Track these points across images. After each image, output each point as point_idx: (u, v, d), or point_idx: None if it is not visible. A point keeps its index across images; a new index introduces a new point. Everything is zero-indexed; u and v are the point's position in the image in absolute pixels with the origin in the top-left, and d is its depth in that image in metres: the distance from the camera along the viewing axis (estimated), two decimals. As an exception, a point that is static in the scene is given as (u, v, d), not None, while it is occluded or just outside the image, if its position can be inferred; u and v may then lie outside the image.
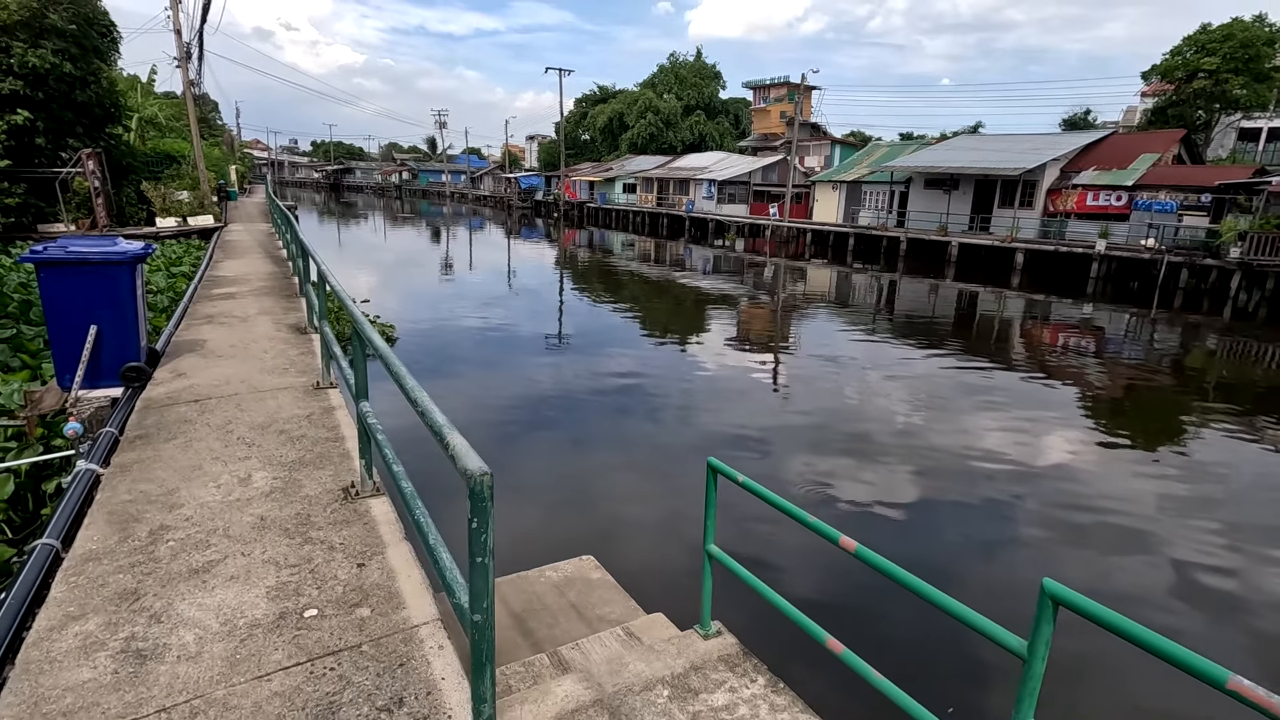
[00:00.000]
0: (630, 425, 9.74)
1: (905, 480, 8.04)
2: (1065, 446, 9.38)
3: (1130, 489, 7.94)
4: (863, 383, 12.57)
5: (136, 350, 5.48)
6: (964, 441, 9.37)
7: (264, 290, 9.78)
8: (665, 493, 7.53)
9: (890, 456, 8.72)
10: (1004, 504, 7.54)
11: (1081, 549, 6.57)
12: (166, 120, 29.58)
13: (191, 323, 7.64)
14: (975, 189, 30.69)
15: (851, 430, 9.76)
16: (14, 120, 17.21)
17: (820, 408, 10.85)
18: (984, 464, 8.55)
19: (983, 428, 10.07)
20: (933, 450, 9.00)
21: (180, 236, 20.05)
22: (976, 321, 20.37)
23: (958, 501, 7.60)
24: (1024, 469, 8.49)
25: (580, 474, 8.04)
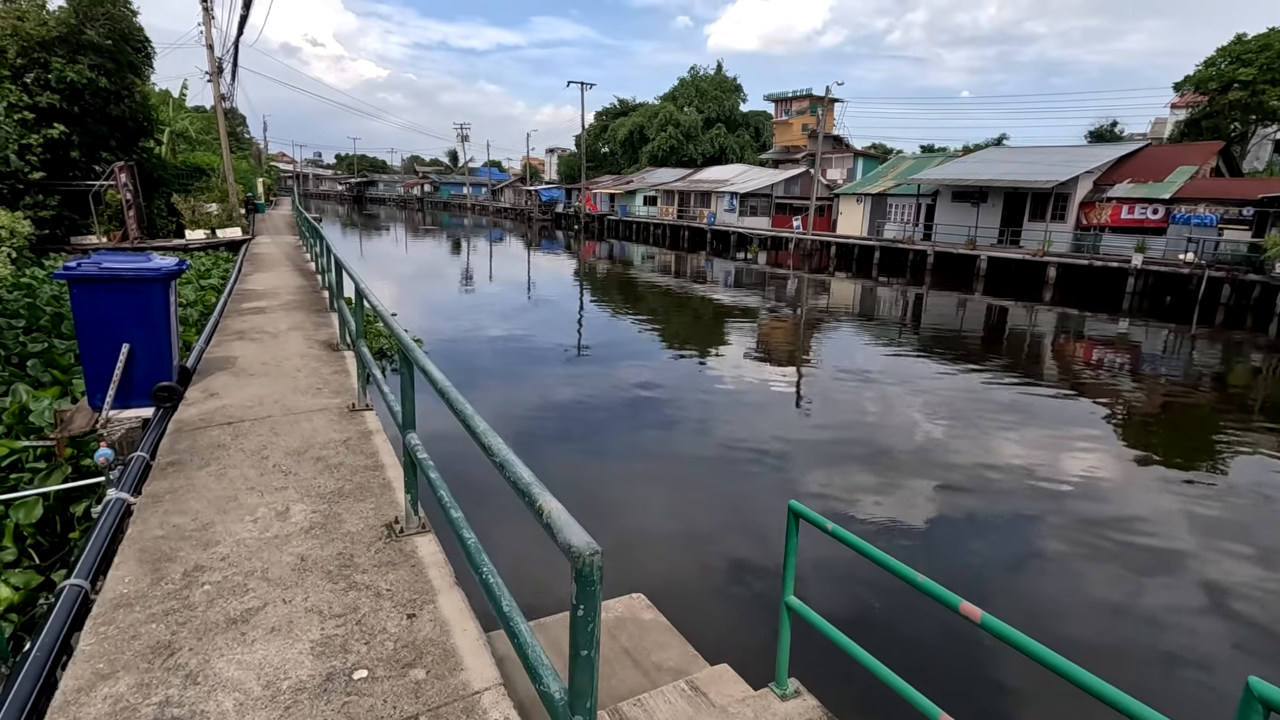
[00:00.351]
0: (653, 440, 9.47)
1: (935, 498, 7.74)
2: (1102, 465, 9.04)
3: (1181, 511, 7.50)
4: (891, 398, 12.19)
5: (169, 369, 5.32)
6: (994, 459, 9.03)
7: (294, 304, 9.67)
8: (700, 517, 7.23)
9: (921, 474, 8.40)
10: (1033, 523, 7.19)
11: (1118, 568, 6.16)
12: (197, 134, 30.04)
13: (223, 338, 7.51)
14: (1005, 202, 30.14)
15: (881, 446, 9.44)
16: (50, 134, 17.44)
17: (847, 423, 10.55)
18: (1016, 481, 8.24)
19: (1013, 444, 9.72)
20: (963, 468, 8.69)
21: (209, 249, 20.19)
22: (1007, 336, 19.87)
23: (991, 520, 7.25)
24: (1061, 487, 8.13)
25: (605, 492, 7.78)
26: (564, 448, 8.98)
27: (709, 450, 9.06)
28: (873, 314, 22.98)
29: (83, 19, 17.75)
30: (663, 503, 7.57)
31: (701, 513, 7.37)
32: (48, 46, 17.28)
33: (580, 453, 8.89)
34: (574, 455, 8.78)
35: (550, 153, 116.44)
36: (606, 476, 8.26)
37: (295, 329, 8.03)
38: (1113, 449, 10.02)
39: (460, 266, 33.54)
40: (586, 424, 10.07)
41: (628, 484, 8.07)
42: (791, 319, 21.38)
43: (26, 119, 16.87)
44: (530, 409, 10.49)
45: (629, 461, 8.77)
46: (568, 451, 8.87)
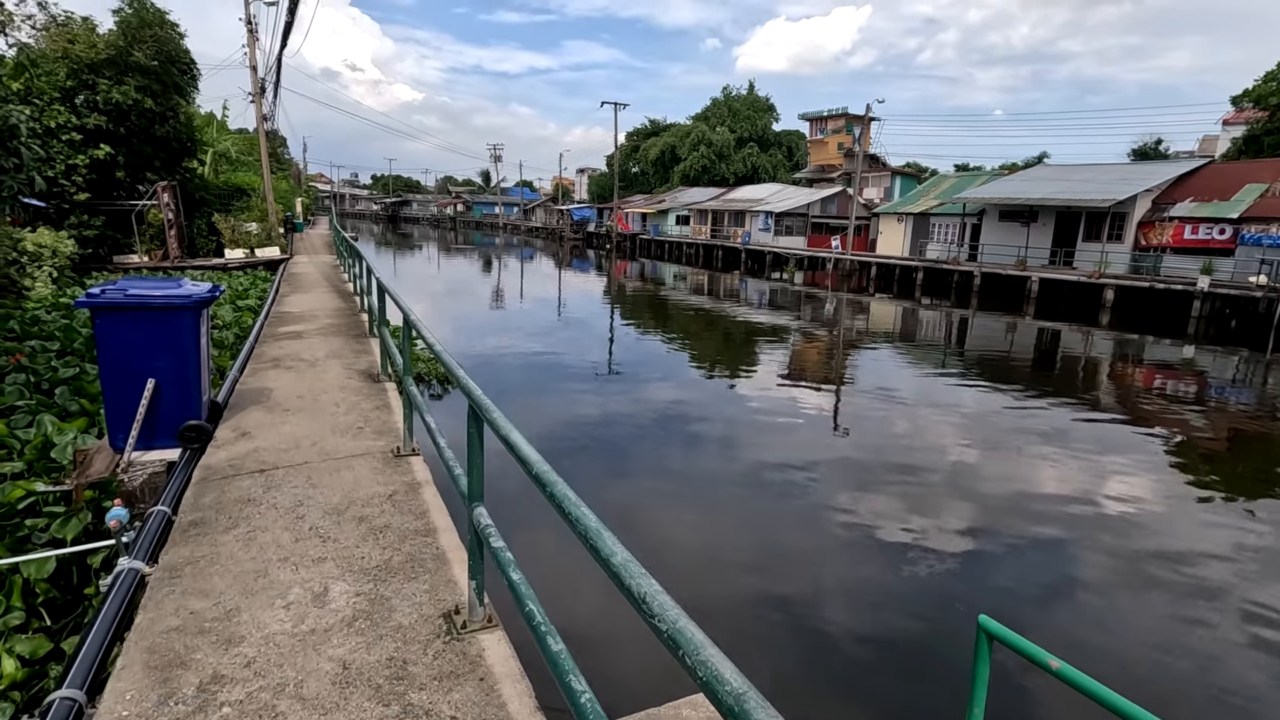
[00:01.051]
0: (689, 463, 8.95)
1: (987, 530, 7.12)
2: (1171, 498, 8.39)
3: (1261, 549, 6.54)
4: (935, 423, 11.46)
5: (197, 406, 4.81)
6: (1044, 487, 8.45)
7: (332, 329, 9.23)
8: (733, 545, 6.56)
9: (971, 504, 7.87)
10: (1092, 558, 6.44)
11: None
12: (237, 154, 30.46)
13: (257, 366, 7.04)
14: (1056, 221, 28.98)
15: (926, 472, 8.78)
16: (96, 155, 17.56)
17: (889, 448, 9.93)
18: (1068, 511, 7.67)
19: (1064, 471, 9.04)
20: (1014, 497, 8.13)
21: (247, 268, 20.13)
22: (1060, 360, 18.85)
23: (1044, 556, 6.60)
24: (1123, 522, 7.43)
25: (635, 516, 7.13)
26: (592, 467, 8.61)
27: (747, 476, 8.52)
28: (916, 336, 22.04)
29: (131, 41, 17.94)
30: (695, 529, 7.05)
31: (735, 540, 6.86)
32: (96, 69, 17.46)
33: (609, 473, 8.49)
34: (601, 475, 8.35)
35: (581, 173, 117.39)
36: (636, 499, 7.79)
37: (334, 356, 7.54)
38: (1182, 481, 9.21)
39: (491, 284, 33.39)
40: (613, 444, 9.60)
41: (659, 507, 7.58)
42: (829, 340, 20.56)
43: (74, 140, 16.99)
44: (557, 426, 10.14)
45: (661, 482, 8.31)
46: (595, 471, 8.47)
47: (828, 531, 7.20)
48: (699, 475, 8.64)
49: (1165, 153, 57.02)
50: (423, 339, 3.80)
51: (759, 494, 8.06)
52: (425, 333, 3.82)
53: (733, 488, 8.21)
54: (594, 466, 8.66)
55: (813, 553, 6.79)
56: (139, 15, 18.26)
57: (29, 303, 12.11)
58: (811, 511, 7.64)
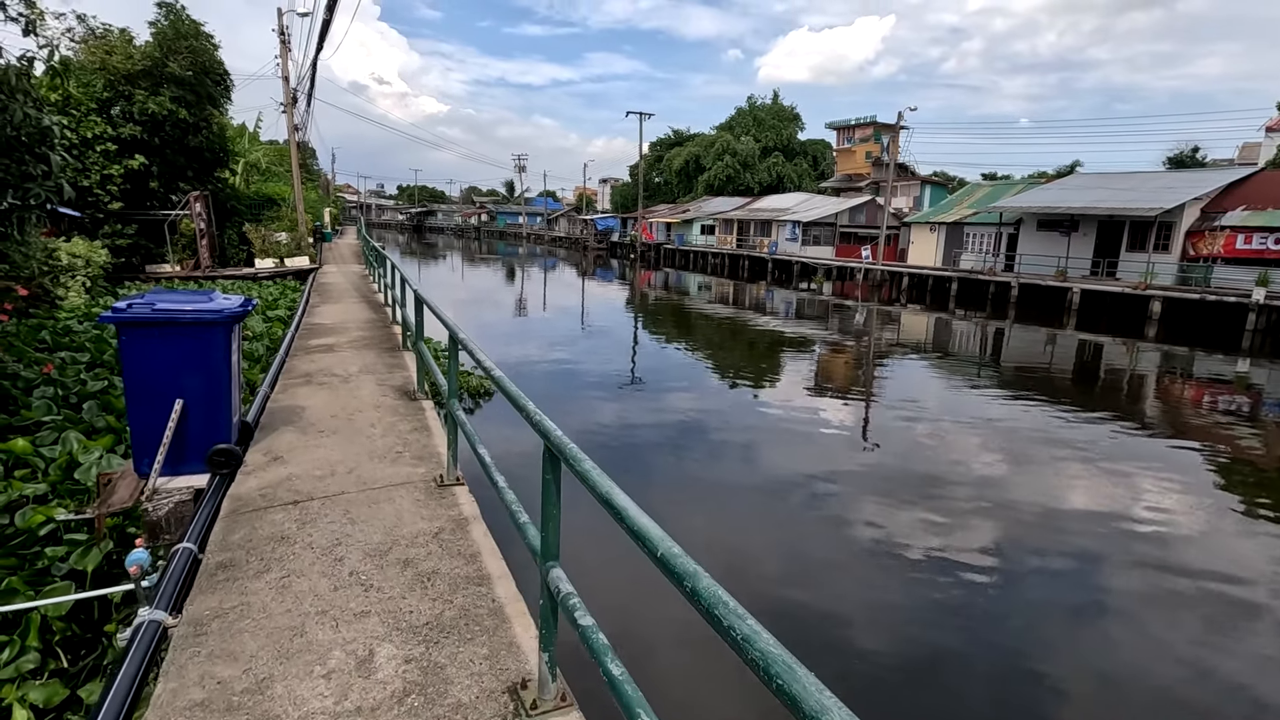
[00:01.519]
0: (716, 477, 8.71)
1: (1015, 548, 6.81)
2: (1217, 522, 7.85)
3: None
4: (970, 437, 11.07)
5: (227, 428, 4.48)
6: (1085, 506, 8.10)
7: (364, 342, 8.93)
8: (782, 573, 6.11)
9: (1008, 523, 7.56)
10: (1136, 584, 5.83)
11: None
12: (268, 164, 30.71)
13: (289, 382, 6.74)
14: (1098, 230, 28.05)
15: (961, 492, 8.44)
16: (131, 165, 17.64)
17: (922, 463, 9.55)
18: (1110, 533, 7.31)
19: (1107, 492, 8.63)
20: (1052, 515, 7.78)
21: (277, 278, 20.11)
22: (1103, 375, 18.13)
23: (1085, 581, 6.18)
24: (1166, 545, 6.96)
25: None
26: (615, 473, 8.06)
27: (775, 488, 8.34)
28: (951, 348, 21.35)
29: (166, 52, 18.04)
30: (719, 538, 6.79)
31: (759, 551, 6.64)
32: (132, 79, 17.57)
33: (633, 481, 8.07)
34: (626, 482, 7.83)
35: (604, 183, 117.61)
36: (662, 507, 7.39)
37: (367, 371, 7.22)
38: (1234, 504, 8.63)
39: (515, 294, 33.34)
40: (638, 454, 9.41)
41: (684, 515, 7.39)
42: (859, 352, 19.96)
43: (109, 150, 17.09)
44: (580, 435, 9.73)
45: (686, 492, 8.15)
46: (619, 478, 7.89)
47: (854, 550, 6.95)
48: (725, 486, 8.39)
49: (1203, 160, 55.45)
50: (475, 361, 3.41)
51: (784, 506, 7.86)
52: (479, 354, 3.42)
53: (757, 498, 8.01)
54: (617, 473, 8.25)
55: (839, 572, 6.56)
56: (175, 27, 18.39)
57: (61, 313, 12.05)
58: (837, 528, 7.35)
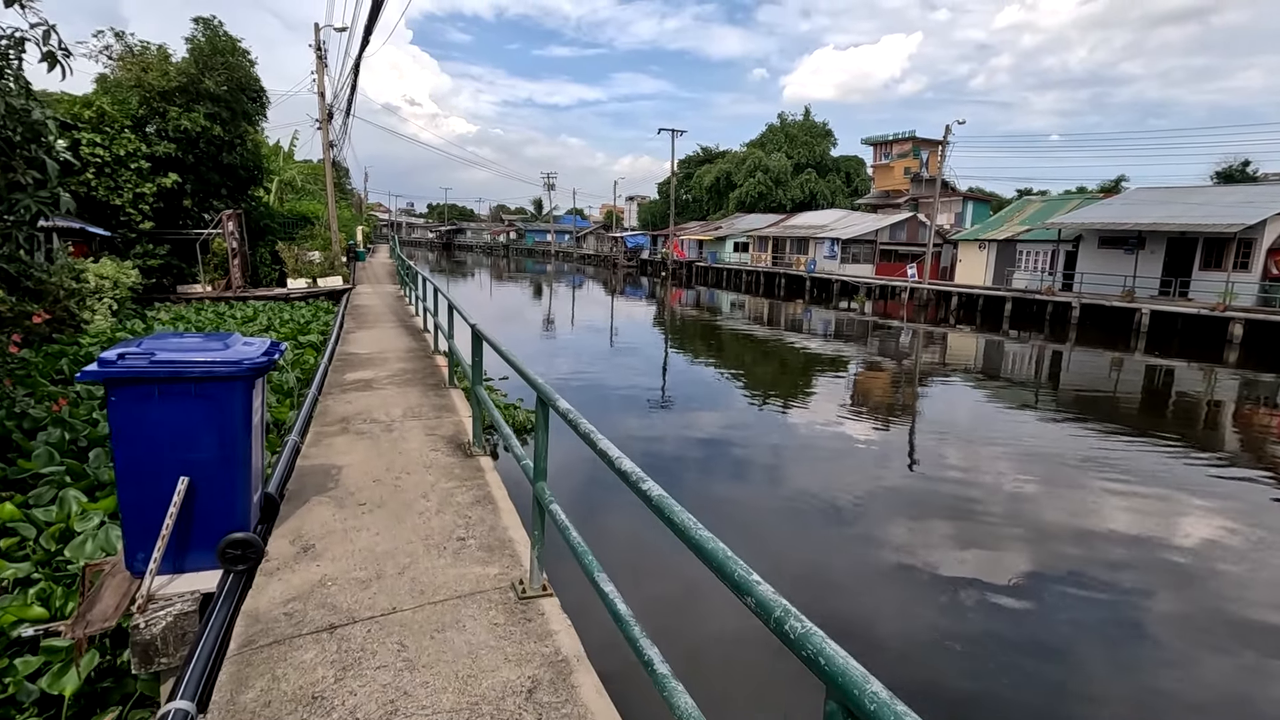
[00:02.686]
0: (757, 510, 8.07)
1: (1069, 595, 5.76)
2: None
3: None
4: (1035, 471, 10.23)
5: (245, 511, 3.48)
6: (1152, 539, 7.52)
7: (405, 376, 7.97)
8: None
9: (1078, 567, 6.75)
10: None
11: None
12: (303, 183, 30.45)
13: (323, 430, 5.77)
14: (1167, 248, 26.37)
15: (1014, 531, 7.67)
16: (164, 183, 17.17)
17: (977, 495, 8.81)
18: (1183, 574, 6.60)
19: (1183, 527, 7.96)
20: (1114, 562, 6.91)
21: (310, 298, 19.47)
22: (1175, 402, 16.73)
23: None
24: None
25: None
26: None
27: (814, 518, 7.84)
28: (1011, 372, 19.95)
29: (202, 68, 17.62)
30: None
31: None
32: (168, 96, 17.15)
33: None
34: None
35: (630, 200, 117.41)
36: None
37: (412, 416, 6.22)
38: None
39: (545, 311, 32.72)
40: (680, 475, 8.96)
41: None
42: (912, 375, 18.70)
43: (142, 168, 16.62)
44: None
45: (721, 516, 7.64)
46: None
47: (909, 598, 6.16)
48: (764, 516, 7.87)
49: (1254, 175, 53.12)
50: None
51: (816, 537, 7.47)
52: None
53: (791, 525, 7.65)
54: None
55: (878, 603, 5.98)
56: (211, 43, 17.99)
57: (85, 338, 11.37)
58: (880, 560, 6.82)
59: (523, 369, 3.46)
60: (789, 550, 7.02)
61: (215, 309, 16.78)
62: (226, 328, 13.84)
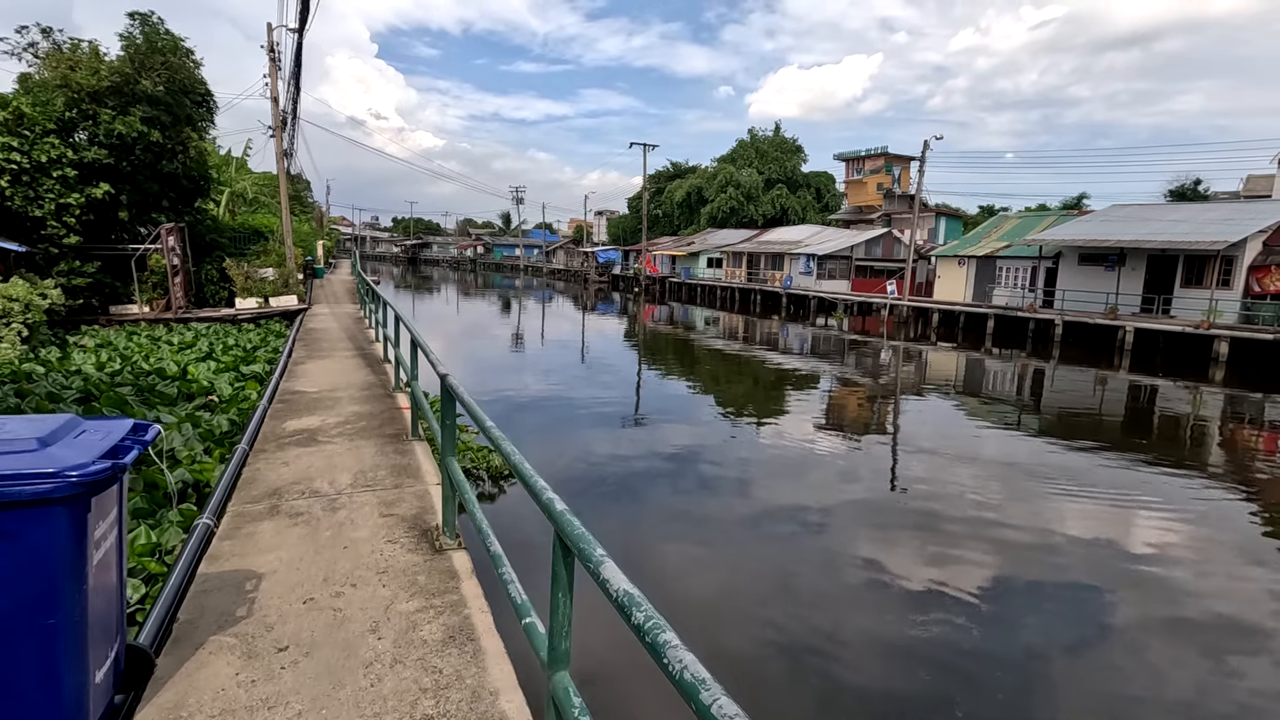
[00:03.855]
0: (733, 531, 7.94)
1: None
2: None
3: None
4: (1011, 486, 10.18)
5: (74, 700, 2.17)
6: (1141, 566, 7.27)
7: (359, 424, 6.63)
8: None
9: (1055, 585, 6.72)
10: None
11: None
12: (255, 194, 28.61)
13: (245, 509, 4.42)
14: (1148, 265, 26.22)
15: (995, 551, 7.46)
16: (94, 193, 15.48)
17: (954, 515, 8.60)
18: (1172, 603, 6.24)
19: (1171, 551, 7.72)
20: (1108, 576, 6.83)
21: (260, 319, 17.84)
22: (1160, 420, 16.33)
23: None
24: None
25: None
26: (620, 513, 8.13)
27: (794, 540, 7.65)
28: (996, 390, 19.39)
29: (139, 68, 16.03)
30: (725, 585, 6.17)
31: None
32: (98, 97, 15.51)
33: (637, 522, 7.92)
34: (629, 523, 7.90)
35: (599, 215, 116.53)
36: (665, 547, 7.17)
37: (364, 484, 4.91)
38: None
39: (515, 328, 31.76)
40: (657, 501, 8.72)
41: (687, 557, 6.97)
42: (900, 392, 17.96)
43: (68, 176, 14.93)
44: (589, 478, 9.36)
45: (692, 536, 7.63)
46: (622, 518, 8.00)
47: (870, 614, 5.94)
48: (742, 541, 7.65)
49: (1205, 193, 54.58)
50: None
51: (794, 556, 7.26)
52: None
53: (769, 547, 7.45)
54: (622, 513, 8.27)
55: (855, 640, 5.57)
56: (150, 41, 16.40)
57: (-19, 371, 9.74)
58: (846, 590, 6.57)
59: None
60: (757, 566, 6.97)
61: (151, 333, 15.09)
62: (159, 355, 12.22)
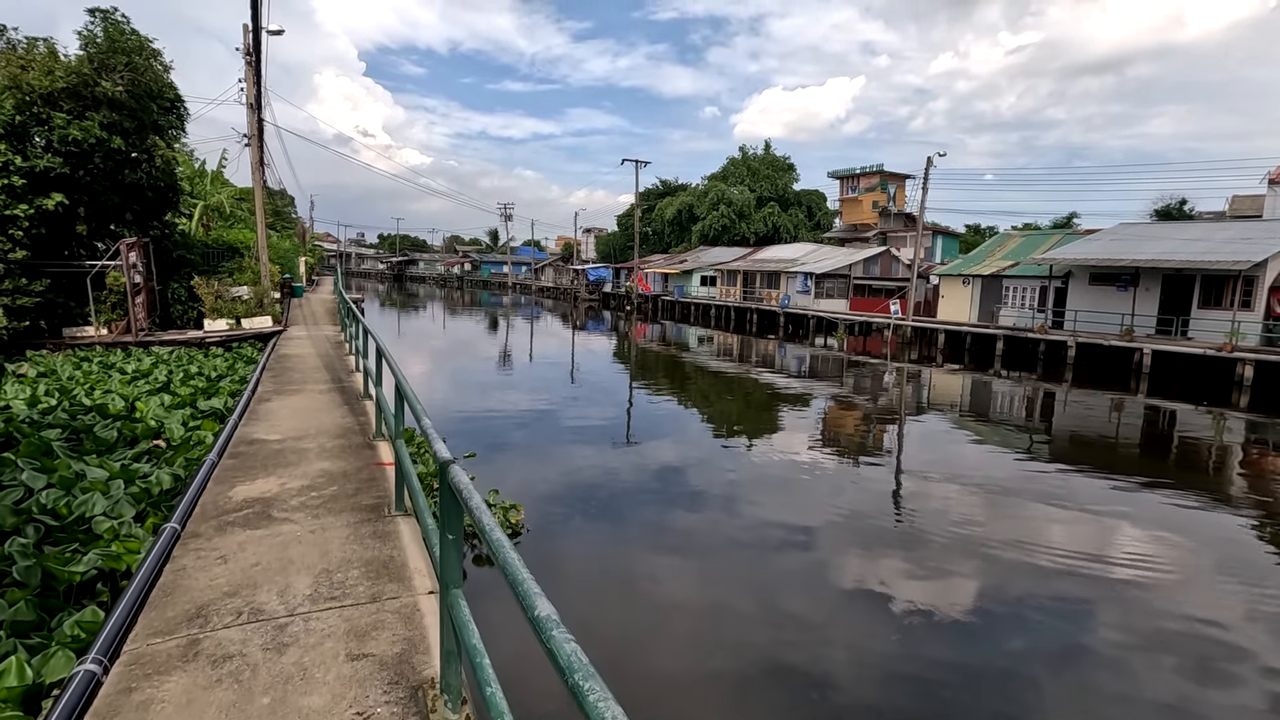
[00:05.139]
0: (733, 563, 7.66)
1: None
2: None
3: None
4: (1029, 518, 9.80)
5: None
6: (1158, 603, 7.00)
7: (328, 491, 5.25)
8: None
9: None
10: None
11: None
12: (232, 208, 27.10)
13: (146, 653, 3.04)
14: (1163, 285, 25.42)
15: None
16: (45, 204, 14.02)
17: (968, 544, 8.38)
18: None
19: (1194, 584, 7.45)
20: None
21: (231, 343, 16.35)
22: (1179, 447, 15.69)
23: None
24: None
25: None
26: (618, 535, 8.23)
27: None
28: (1010, 414, 18.46)
29: (99, 68, 14.66)
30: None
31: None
32: (52, 100, 14.11)
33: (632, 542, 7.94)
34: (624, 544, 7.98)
35: (587, 232, 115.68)
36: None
37: (329, 598, 3.55)
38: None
39: (503, 346, 30.81)
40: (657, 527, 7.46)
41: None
42: (900, 420, 16.79)
43: (14, 185, 13.47)
44: (583, 502, 9.31)
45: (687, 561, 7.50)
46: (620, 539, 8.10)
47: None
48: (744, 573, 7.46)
49: (1190, 213, 54.65)
50: None
51: (792, 582, 7.11)
52: None
53: (763, 568, 7.36)
54: (620, 535, 8.28)
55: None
56: (110, 39, 15.05)
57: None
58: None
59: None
60: (747, 587, 6.89)
61: (105, 359, 13.56)
62: (106, 386, 10.73)
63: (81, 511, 5.66)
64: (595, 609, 6.53)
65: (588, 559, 7.94)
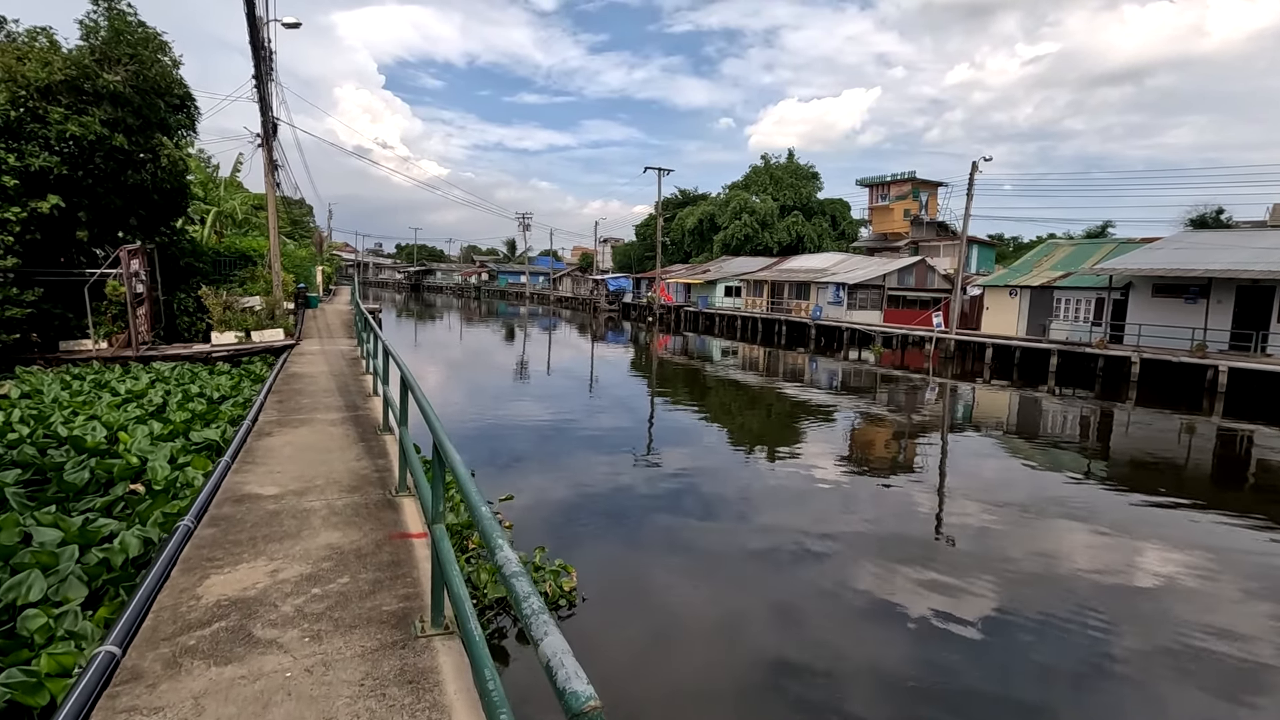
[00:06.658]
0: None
1: None
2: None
3: None
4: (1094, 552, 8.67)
5: None
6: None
7: (334, 586, 3.83)
8: None
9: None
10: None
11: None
12: (246, 214, 26.03)
13: None
14: (1238, 297, 23.57)
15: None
16: (39, 207, 12.87)
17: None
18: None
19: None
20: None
21: (239, 358, 15.11)
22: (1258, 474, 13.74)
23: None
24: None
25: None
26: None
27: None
28: (1084, 441, 16.59)
29: (100, 60, 13.54)
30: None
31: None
32: (49, 93, 13.00)
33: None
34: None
35: (604, 242, 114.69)
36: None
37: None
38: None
39: (518, 356, 29.58)
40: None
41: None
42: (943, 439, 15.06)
43: (5, 186, 12.33)
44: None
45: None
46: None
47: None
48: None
49: (1227, 223, 52.44)
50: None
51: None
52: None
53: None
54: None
55: None
56: (115, 29, 13.94)
57: None
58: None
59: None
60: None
61: (99, 377, 12.31)
62: (91, 411, 9.41)
63: (11, 598, 4.28)
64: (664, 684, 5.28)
65: (652, 634, 6.46)
